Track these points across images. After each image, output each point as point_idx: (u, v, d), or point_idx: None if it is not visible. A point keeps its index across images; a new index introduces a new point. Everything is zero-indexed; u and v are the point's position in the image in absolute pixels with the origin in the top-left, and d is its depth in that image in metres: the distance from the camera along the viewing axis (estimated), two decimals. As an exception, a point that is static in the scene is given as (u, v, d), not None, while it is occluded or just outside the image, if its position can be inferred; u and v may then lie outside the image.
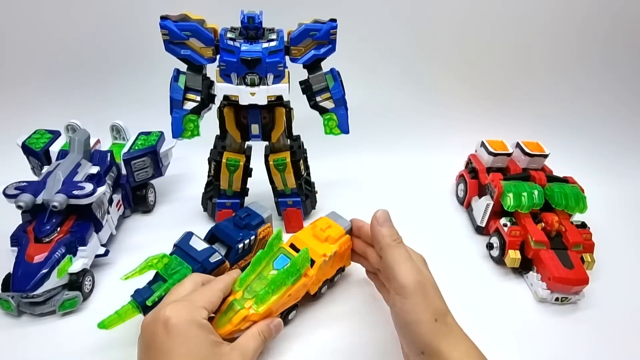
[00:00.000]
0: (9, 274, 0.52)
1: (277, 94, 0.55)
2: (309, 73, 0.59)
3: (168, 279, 0.47)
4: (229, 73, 0.54)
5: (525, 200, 0.61)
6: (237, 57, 0.53)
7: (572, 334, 0.53)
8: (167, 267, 0.49)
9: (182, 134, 0.58)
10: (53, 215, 0.54)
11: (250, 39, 0.54)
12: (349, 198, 0.57)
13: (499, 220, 0.63)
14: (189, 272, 0.48)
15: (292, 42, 0.55)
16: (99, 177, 0.59)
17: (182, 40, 0.54)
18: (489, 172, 0.70)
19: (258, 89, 0.54)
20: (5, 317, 0.52)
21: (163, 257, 0.49)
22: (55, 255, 0.51)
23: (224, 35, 0.54)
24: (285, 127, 0.61)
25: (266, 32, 0.55)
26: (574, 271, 0.55)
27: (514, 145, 0.74)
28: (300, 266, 0.49)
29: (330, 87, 0.58)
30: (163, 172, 0.71)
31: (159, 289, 0.46)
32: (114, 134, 0.73)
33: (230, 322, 0.45)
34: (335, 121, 0.60)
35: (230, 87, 0.54)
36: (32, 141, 0.66)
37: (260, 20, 0.54)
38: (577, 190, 0.64)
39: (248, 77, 0.53)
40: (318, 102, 0.59)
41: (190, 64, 0.56)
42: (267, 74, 0.54)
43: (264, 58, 0.53)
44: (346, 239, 0.54)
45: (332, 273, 0.55)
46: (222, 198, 0.66)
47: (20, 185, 0.55)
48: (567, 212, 0.63)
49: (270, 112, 0.58)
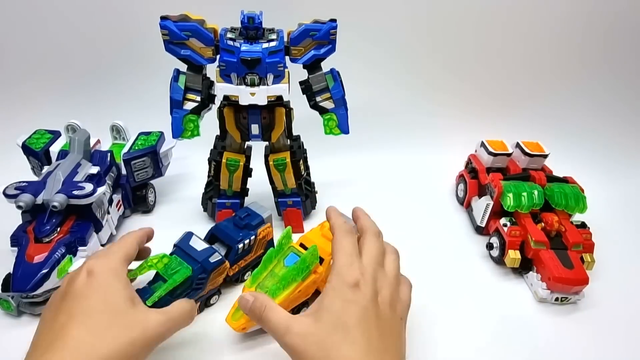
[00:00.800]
0: (9, 274, 0.52)
1: (277, 94, 0.55)
2: (308, 73, 0.59)
3: (168, 279, 0.47)
4: (229, 73, 0.54)
5: (525, 200, 0.61)
6: (237, 57, 0.53)
7: (572, 334, 0.53)
8: (167, 267, 0.49)
9: (182, 134, 0.58)
10: (53, 215, 0.54)
11: (250, 39, 0.54)
12: (349, 198, 0.57)
13: (499, 220, 0.63)
14: (189, 272, 0.49)
15: (292, 42, 0.55)
16: (99, 177, 0.59)
17: (182, 41, 0.54)
18: (489, 172, 0.70)
19: (258, 89, 0.54)
20: (5, 317, 0.52)
21: (163, 257, 0.49)
22: (55, 255, 0.51)
23: (224, 36, 0.54)
24: (285, 127, 0.61)
25: (266, 32, 0.55)
26: (574, 271, 0.55)
27: (514, 145, 0.74)
28: (310, 263, 0.50)
29: (330, 87, 0.58)
30: (163, 172, 0.71)
31: (159, 289, 0.46)
32: (114, 134, 0.73)
33: (244, 317, 0.48)
34: (335, 121, 0.60)
35: (230, 87, 0.54)
36: (32, 141, 0.66)
37: (260, 21, 0.54)
38: (577, 190, 0.64)
39: (248, 77, 0.53)
40: (318, 102, 0.59)
41: (190, 64, 0.56)
42: (267, 74, 0.54)
43: (264, 58, 0.53)
44: None
45: None
46: (222, 198, 0.66)
47: (20, 186, 0.55)
48: (567, 212, 0.63)
49: (271, 112, 0.58)
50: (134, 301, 0.40)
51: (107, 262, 0.41)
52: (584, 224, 0.63)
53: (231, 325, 0.49)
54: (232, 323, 0.49)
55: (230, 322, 0.49)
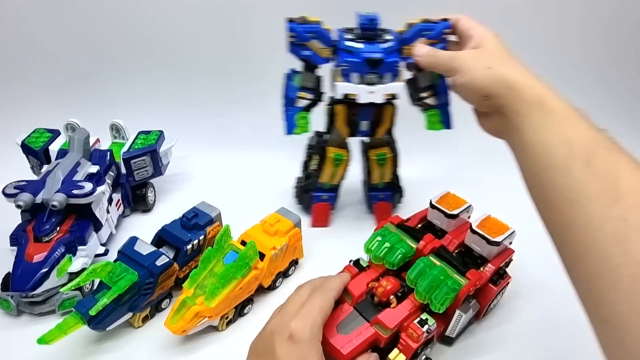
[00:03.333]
0: (8, 273, 0.52)
1: (394, 92, 0.56)
2: (416, 71, 0.59)
3: (112, 286, 0.46)
4: (349, 73, 0.55)
5: (382, 253, 0.48)
6: (359, 57, 0.54)
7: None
8: (111, 274, 0.47)
9: (294, 130, 0.60)
10: (52, 214, 0.54)
11: (367, 40, 0.55)
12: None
13: None
14: (135, 277, 0.47)
15: (405, 41, 0.56)
16: (99, 176, 0.59)
17: (305, 42, 0.56)
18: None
19: (376, 88, 0.55)
20: (4, 316, 0.52)
21: (106, 264, 0.47)
22: (54, 254, 0.51)
23: (342, 37, 0.56)
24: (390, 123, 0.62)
25: (381, 33, 0.57)
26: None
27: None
28: (249, 259, 0.50)
29: (436, 84, 0.59)
30: (163, 171, 0.71)
31: (103, 298, 0.45)
32: (114, 133, 0.73)
33: (183, 319, 0.47)
34: (438, 117, 0.60)
35: (350, 86, 0.55)
36: (31, 140, 0.66)
37: (378, 22, 0.55)
38: (451, 286, 0.44)
39: (368, 76, 0.55)
40: (423, 99, 0.60)
41: (308, 64, 0.58)
42: (386, 73, 0.55)
43: (385, 58, 0.54)
44: (295, 232, 0.57)
45: (284, 265, 0.57)
46: (319, 191, 0.67)
47: (19, 185, 0.55)
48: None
49: (381, 110, 0.60)
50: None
51: (309, 328, 0.38)
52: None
53: (170, 329, 0.47)
54: (171, 327, 0.47)
55: (169, 325, 0.47)
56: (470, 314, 0.48)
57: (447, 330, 0.48)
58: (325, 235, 0.67)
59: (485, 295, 0.49)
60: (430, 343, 0.46)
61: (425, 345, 0.45)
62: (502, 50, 0.45)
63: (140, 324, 0.51)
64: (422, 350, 0.45)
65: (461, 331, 0.50)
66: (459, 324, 0.47)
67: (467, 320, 0.49)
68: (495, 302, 0.53)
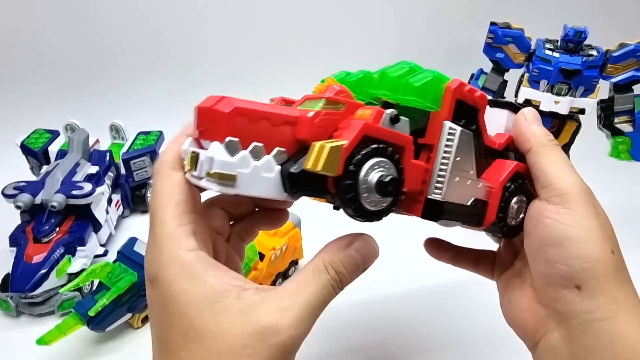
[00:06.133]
0: (7, 274, 0.52)
1: (581, 107, 0.57)
2: (616, 93, 0.58)
3: (111, 287, 0.46)
4: (539, 80, 0.56)
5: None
6: (554, 66, 0.55)
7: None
8: (110, 275, 0.47)
9: None
10: (52, 215, 0.54)
11: (569, 52, 0.56)
12: None
13: None
14: (134, 278, 0.47)
15: (613, 59, 0.56)
16: (98, 176, 0.59)
17: (501, 45, 0.58)
18: None
19: (563, 99, 0.56)
20: (4, 317, 0.52)
21: (105, 265, 0.47)
22: (54, 255, 0.51)
23: (541, 45, 0.57)
24: (568, 140, 0.61)
25: (585, 47, 0.57)
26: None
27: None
28: (249, 260, 0.50)
29: (636, 110, 0.58)
30: (162, 172, 0.71)
31: (102, 298, 0.45)
32: (113, 133, 0.73)
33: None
34: (627, 146, 0.59)
35: (535, 93, 0.57)
36: (30, 141, 0.66)
37: (586, 36, 0.56)
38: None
39: (557, 86, 0.56)
40: (614, 124, 0.59)
41: (499, 67, 0.60)
42: (578, 86, 0.56)
43: (583, 70, 0.55)
44: (295, 232, 0.56)
45: (284, 266, 0.57)
46: None
47: (19, 185, 0.55)
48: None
49: (562, 123, 0.59)
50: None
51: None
52: None
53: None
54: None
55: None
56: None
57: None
58: (325, 235, 0.66)
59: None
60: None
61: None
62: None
63: (140, 324, 0.51)
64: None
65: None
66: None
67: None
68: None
